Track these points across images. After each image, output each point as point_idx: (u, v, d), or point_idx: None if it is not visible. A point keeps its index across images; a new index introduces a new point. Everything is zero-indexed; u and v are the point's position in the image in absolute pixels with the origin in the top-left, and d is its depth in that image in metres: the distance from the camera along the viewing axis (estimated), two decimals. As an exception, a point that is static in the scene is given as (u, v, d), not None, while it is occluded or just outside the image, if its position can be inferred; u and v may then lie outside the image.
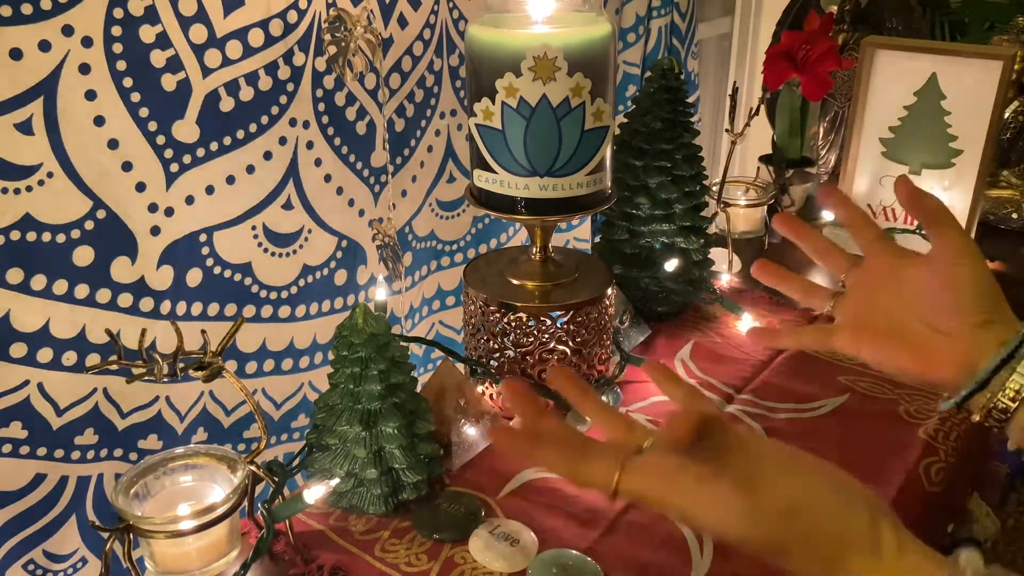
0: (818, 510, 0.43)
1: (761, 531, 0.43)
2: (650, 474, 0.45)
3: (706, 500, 0.44)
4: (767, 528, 0.43)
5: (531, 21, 0.74)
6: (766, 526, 0.43)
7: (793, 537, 0.43)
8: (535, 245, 0.83)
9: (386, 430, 0.67)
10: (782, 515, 0.43)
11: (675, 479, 0.44)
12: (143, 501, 0.61)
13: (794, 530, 0.42)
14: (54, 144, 0.68)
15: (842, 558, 0.42)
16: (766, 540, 0.43)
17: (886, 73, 1.10)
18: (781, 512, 0.43)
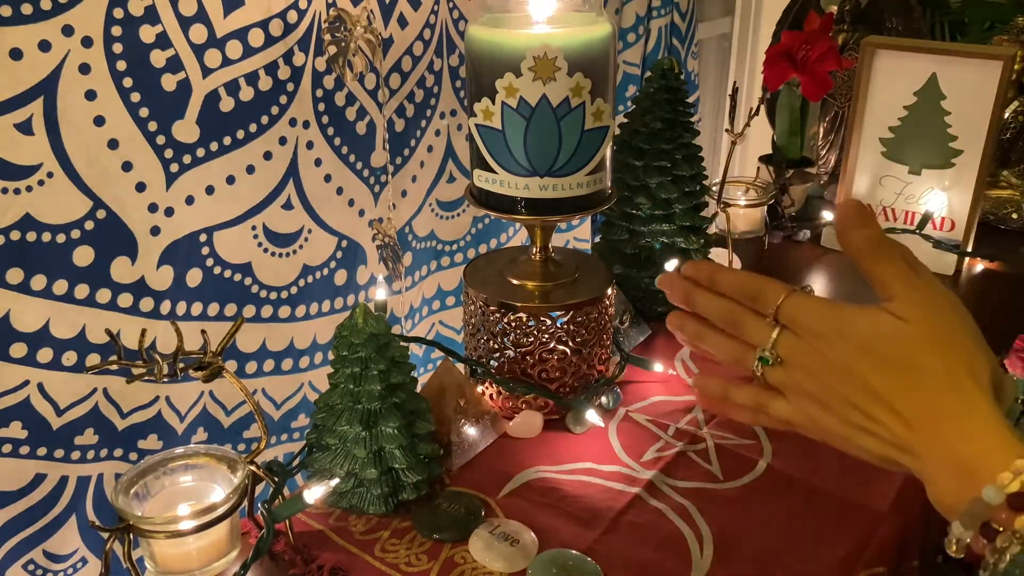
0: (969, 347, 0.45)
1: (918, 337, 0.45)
2: (814, 301, 0.48)
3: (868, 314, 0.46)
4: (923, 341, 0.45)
5: (531, 21, 0.74)
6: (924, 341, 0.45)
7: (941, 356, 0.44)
8: (535, 245, 0.83)
9: (386, 430, 0.67)
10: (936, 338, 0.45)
11: (837, 305, 0.47)
12: (143, 501, 0.61)
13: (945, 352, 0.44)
14: (54, 144, 0.68)
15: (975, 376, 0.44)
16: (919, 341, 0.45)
17: (886, 73, 1.10)
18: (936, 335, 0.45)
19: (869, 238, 0.47)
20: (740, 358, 0.52)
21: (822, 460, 0.76)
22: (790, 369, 0.49)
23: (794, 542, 0.67)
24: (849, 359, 0.46)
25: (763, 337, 0.50)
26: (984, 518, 0.41)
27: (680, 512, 0.70)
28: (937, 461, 0.44)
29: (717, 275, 0.52)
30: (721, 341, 0.53)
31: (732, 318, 0.51)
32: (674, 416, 0.83)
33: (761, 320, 0.50)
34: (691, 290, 0.53)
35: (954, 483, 0.43)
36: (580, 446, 0.79)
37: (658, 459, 0.77)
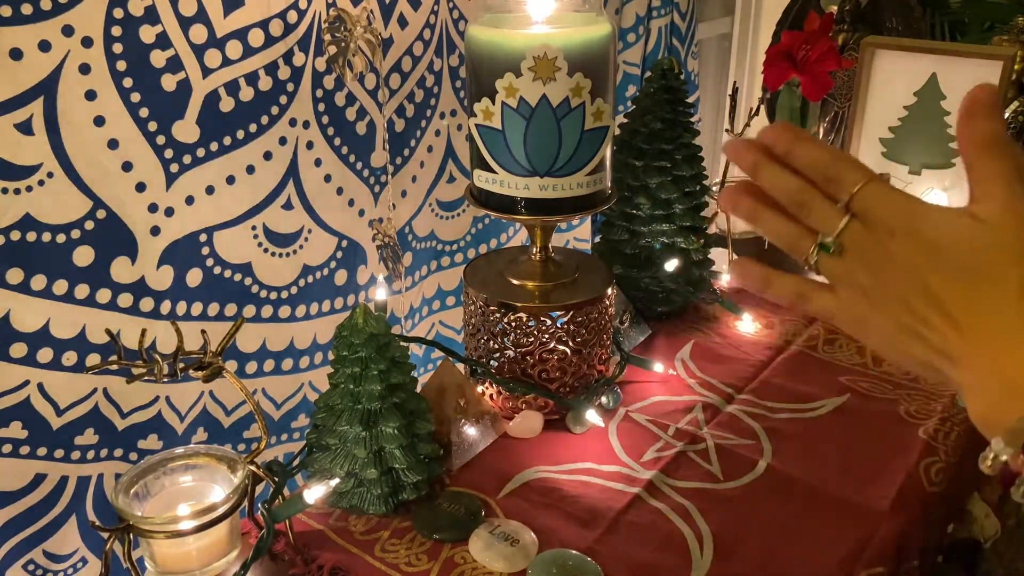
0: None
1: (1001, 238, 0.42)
2: (894, 193, 0.45)
3: (949, 215, 0.43)
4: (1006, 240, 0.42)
5: (531, 21, 0.74)
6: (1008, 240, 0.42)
7: (1016, 268, 0.41)
8: (535, 245, 0.83)
9: (386, 430, 0.67)
10: (1018, 249, 0.42)
11: (919, 200, 0.44)
12: (143, 501, 0.61)
13: (1021, 265, 0.42)
14: (54, 144, 0.68)
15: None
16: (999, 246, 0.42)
17: (886, 73, 1.10)
18: (1018, 245, 0.42)
19: (990, 133, 0.43)
20: (796, 243, 0.48)
21: (822, 460, 0.76)
22: (849, 261, 0.46)
23: (794, 542, 0.67)
24: (916, 258, 0.43)
25: (831, 224, 0.46)
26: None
27: (680, 512, 0.70)
28: (986, 373, 0.42)
29: (796, 146, 0.47)
30: (778, 222, 0.49)
31: (800, 198, 0.47)
32: (674, 416, 0.83)
33: (831, 205, 0.46)
34: (761, 160, 0.48)
35: (1001, 398, 0.41)
36: (580, 446, 0.79)
37: (658, 459, 0.77)
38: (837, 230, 0.46)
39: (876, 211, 0.45)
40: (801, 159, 0.47)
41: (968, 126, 0.43)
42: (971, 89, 0.44)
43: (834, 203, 0.46)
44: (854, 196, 0.45)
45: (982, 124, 0.43)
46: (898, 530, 0.68)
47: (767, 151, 0.48)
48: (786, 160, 0.48)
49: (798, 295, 0.50)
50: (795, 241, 0.48)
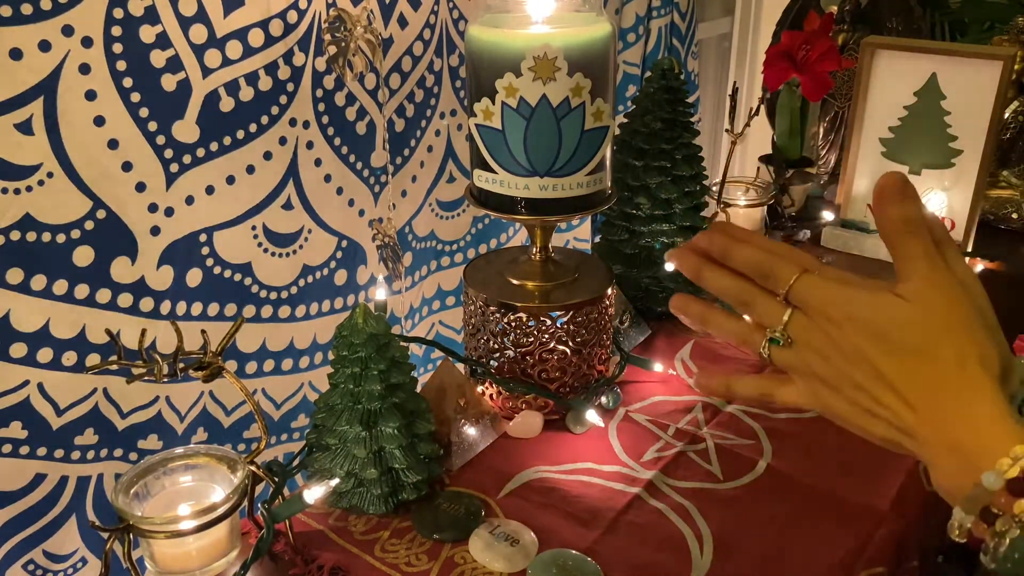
0: (980, 333, 0.45)
1: (928, 321, 0.45)
2: (826, 283, 0.47)
3: (879, 298, 0.45)
4: (933, 323, 0.45)
5: (531, 21, 0.74)
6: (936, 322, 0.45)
7: (950, 342, 0.44)
8: (535, 245, 0.83)
9: (386, 430, 0.67)
10: (947, 323, 0.45)
11: (850, 287, 0.47)
12: (143, 501, 0.61)
13: (954, 338, 0.44)
14: (54, 144, 0.68)
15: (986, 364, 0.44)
16: (926, 328, 0.44)
17: (886, 73, 1.10)
18: (947, 320, 0.45)
19: (904, 214, 0.45)
20: (747, 339, 0.51)
21: (822, 460, 0.76)
22: (800, 350, 0.48)
23: (794, 542, 0.67)
24: (858, 343, 0.45)
25: (775, 318, 0.49)
26: (984, 503, 0.41)
27: (680, 512, 0.70)
28: (940, 446, 0.44)
29: (731, 249, 0.50)
30: (726, 323, 0.52)
31: (743, 298, 0.50)
32: (674, 416, 0.83)
33: (772, 300, 0.49)
34: (701, 266, 0.51)
35: (955, 468, 0.43)
36: (580, 446, 0.79)
37: (658, 459, 0.77)
38: (782, 324, 0.48)
39: (812, 301, 0.47)
40: (737, 260, 0.50)
41: (882, 214, 0.46)
42: (878, 180, 0.46)
43: (775, 297, 0.49)
44: (790, 290, 0.48)
45: (894, 210, 0.46)
46: (898, 530, 0.68)
47: (706, 255, 0.51)
48: (724, 262, 0.51)
49: (762, 394, 0.53)
50: (747, 337, 0.51)
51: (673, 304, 0.54)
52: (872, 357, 0.45)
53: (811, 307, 0.47)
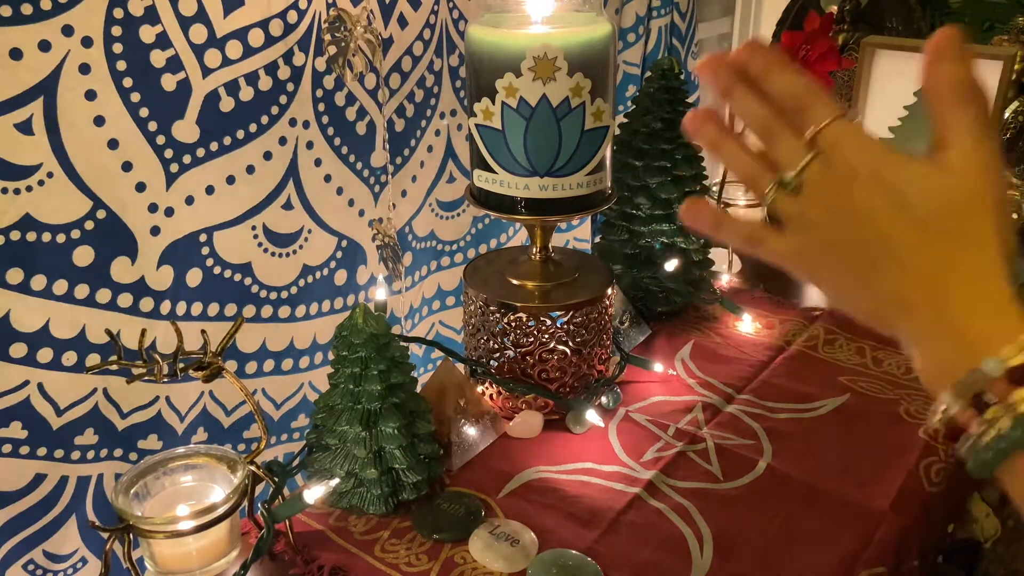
0: (1003, 221, 0.42)
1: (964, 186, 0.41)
2: (862, 134, 0.43)
3: (913, 163, 0.42)
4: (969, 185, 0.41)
5: (531, 21, 0.74)
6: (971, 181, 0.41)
7: (976, 221, 0.41)
8: (535, 245, 0.83)
9: (386, 430, 0.67)
10: (978, 202, 0.41)
11: (886, 145, 0.43)
12: (143, 501, 0.61)
13: (981, 218, 0.41)
14: (54, 144, 0.68)
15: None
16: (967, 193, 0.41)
17: (886, 73, 1.10)
18: (979, 198, 0.41)
19: (958, 77, 0.41)
20: (755, 177, 0.47)
21: (822, 460, 0.76)
22: (807, 200, 0.45)
23: (794, 542, 0.67)
24: (877, 202, 0.42)
25: (794, 158, 0.45)
26: (978, 390, 0.40)
27: (680, 512, 0.70)
28: (937, 327, 0.42)
29: (771, 70, 0.46)
30: (739, 154, 0.48)
31: (769, 127, 0.46)
32: (674, 416, 0.83)
33: (798, 138, 0.45)
34: (734, 83, 0.47)
35: (951, 352, 0.41)
36: (580, 446, 0.79)
37: (658, 459, 0.77)
38: (799, 166, 0.44)
39: (842, 150, 0.44)
40: (774, 85, 0.46)
41: (934, 71, 0.42)
42: (934, 33, 0.42)
43: (801, 136, 0.45)
44: (821, 131, 0.44)
45: (948, 68, 0.42)
46: (898, 530, 0.68)
47: (741, 72, 0.47)
48: (759, 83, 0.46)
49: (750, 237, 0.49)
50: (755, 175, 0.47)
51: (688, 121, 0.49)
52: (886, 219, 0.42)
53: (839, 154, 0.44)
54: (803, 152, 0.44)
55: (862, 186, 0.43)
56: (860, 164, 0.43)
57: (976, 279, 0.41)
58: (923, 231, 0.42)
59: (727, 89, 0.47)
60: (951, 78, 0.42)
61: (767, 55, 0.46)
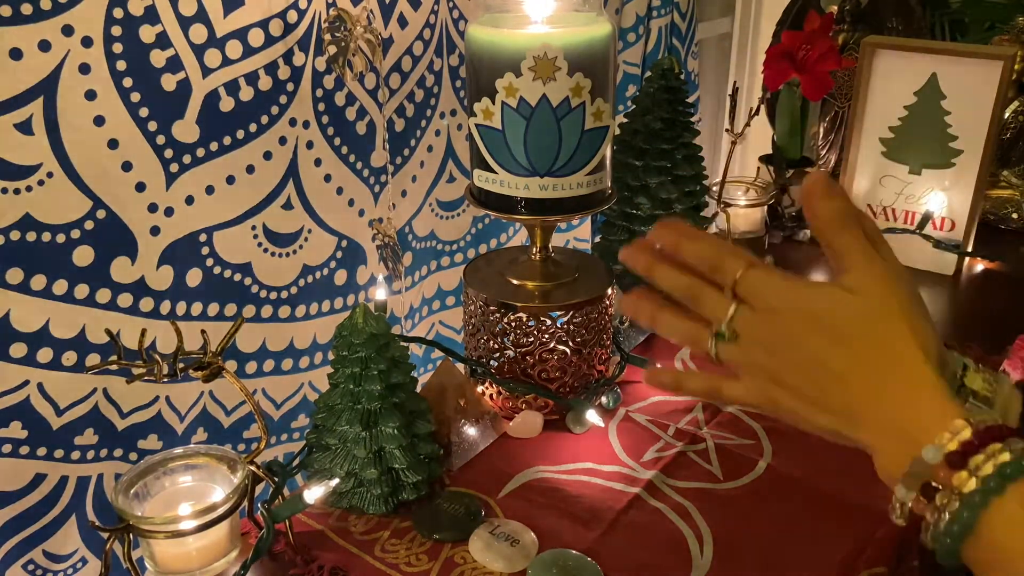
0: (919, 321, 0.46)
1: (870, 305, 0.46)
2: (771, 275, 0.48)
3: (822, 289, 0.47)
4: (875, 306, 0.46)
5: (531, 21, 0.74)
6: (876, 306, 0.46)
7: (891, 329, 0.45)
8: (535, 245, 0.83)
9: (386, 430, 0.67)
10: (888, 311, 0.46)
11: (794, 279, 0.48)
12: (143, 501, 0.61)
13: (896, 325, 0.45)
14: (54, 144, 0.68)
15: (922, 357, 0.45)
16: (873, 314, 0.46)
17: (886, 73, 1.10)
18: (888, 307, 0.46)
19: (834, 209, 0.47)
20: (694, 338, 0.52)
21: (822, 460, 0.76)
22: (745, 344, 0.49)
23: (794, 542, 0.67)
24: (803, 332, 0.47)
25: (720, 311, 0.50)
26: (924, 479, 0.42)
27: (680, 512, 0.70)
28: (882, 430, 0.45)
29: (682, 243, 0.52)
30: (676, 322, 0.53)
31: (691, 293, 0.51)
32: (674, 416, 0.83)
33: (720, 294, 0.50)
34: (652, 263, 0.53)
35: (896, 449, 0.44)
36: (580, 446, 0.79)
37: (658, 459, 0.77)
38: (727, 317, 0.49)
39: (759, 294, 0.48)
40: (686, 253, 0.51)
41: (812, 211, 0.47)
42: (804, 180, 0.48)
43: (721, 292, 0.50)
44: (737, 282, 0.49)
45: (825, 204, 0.47)
46: (898, 530, 0.68)
47: (657, 251, 0.53)
48: (674, 256, 0.52)
49: (710, 389, 0.54)
50: (694, 335, 0.52)
51: (623, 306, 0.56)
52: (816, 346, 0.46)
53: (757, 299, 0.48)
54: (727, 304, 0.49)
55: (786, 321, 0.47)
56: (778, 303, 0.48)
57: (907, 380, 0.45)
58: (850, 347, 0.46)
59: (647, 269, 0.53)
60: (829, 211, 0.47)
61: (674, 230, 0.52)
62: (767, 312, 0.48)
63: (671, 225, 0.53)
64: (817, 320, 0.46)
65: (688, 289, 0.51)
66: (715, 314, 0.50)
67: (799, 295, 0.47)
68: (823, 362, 0.46)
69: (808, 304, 0.47)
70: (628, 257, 0.54)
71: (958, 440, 0.41)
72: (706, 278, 0.51)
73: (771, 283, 0.48)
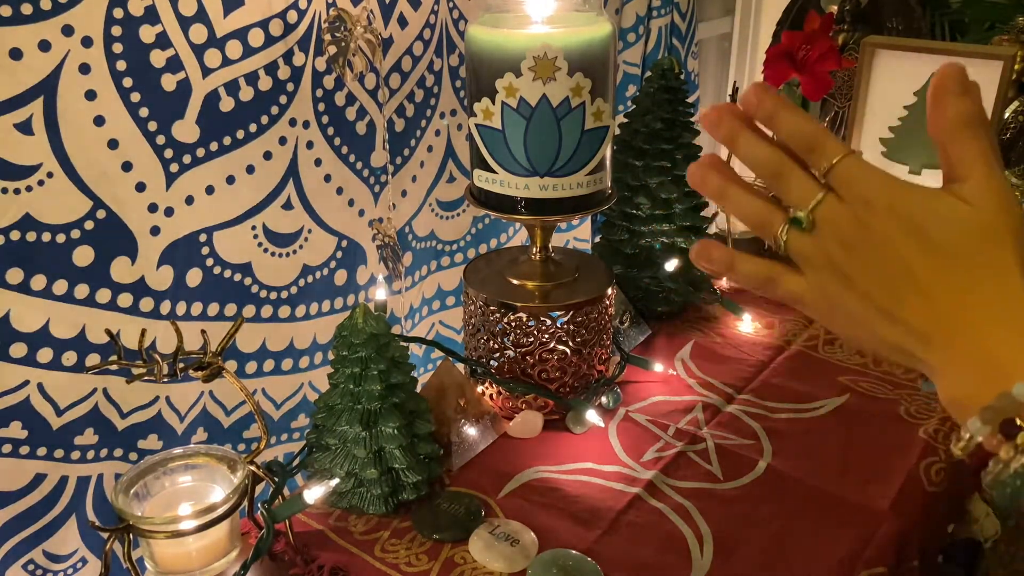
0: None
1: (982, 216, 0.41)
2: (874, 168, 0.43)
3: (930, 194, 0.42)
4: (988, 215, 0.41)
5: (531, 21, 0.74)
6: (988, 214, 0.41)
7: (999, 248, 0.41)
8: (535, 245, 0.83)
9: (386, 430, 0.67)
10: (1001, 229, 0.41)
11: (900, 178, 0.43)
12: (143, 501, 0.61)
13: (1005, 245, 0.41)
14: (54, 144, 0.68)
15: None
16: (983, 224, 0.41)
17: (886, 73, 1.10)
18: (1001, 225, 0.41)
19: (965, 110, 0.42)
20: (766, 220, 0.46)
21: (822, 460, 0.76)
22: (822, 238, 0.44)
23: (794, 542, 0.67)
24: (895, 235, 0.42)
25: (807, 195, 0.44)
26: (1008, 414, 0.39)
27: (680, 512, 0.70)
28: (963, 354, 0.41)
29: (778, 113, 0.45)
30: (747, 199, 0.47)
31: (779, 168, 0.45)
32: (674, 416, 0.83)
33: (809, 177, 0.45)
34: (739, 129, 0.46)
35: (978, 378, 0.41)
36: (580, 446, 0.79)
37: (658, 459, 0.77)
38: (812, 203, 0.44)
39: (855, 184, 0.43)
40: (783, 126, 0.45)
41: (942, 108, 0.42)
42: (939, 68, 0.42)
43: (811, 175, 0.45)
44: (833, 167, 0.44)
45: (955, 103, 0.42)
46: (898, 530, 0.68)
47: (745, 117, 0.47)
48: (767, 125, 0.46)
49: (766, 278, 0.48)
50: (765, 218, 0.46)
51: (691, 173, 0.49)
52: (907, 252, 0.42)
53: (852, 189, 0.43)
54: (815, 189, 0.44)
55: (878, 218, 0.42)
56: (875, 197, 0.43)
57: (1002, 305, 0.41)
58: (944, 259, 0.41)
59: (731, 136, 0.47)
60: (958, 112, 0.42)
61: (775, 98, 0.46)
62: (860, 204, 0.43)
63: (769, 90, 0.46)
64: (915, 223, 0.42)
65: (775, 164, 0.45)
66: (799, 197, 0.45)
67: (901, 193, 0.42)
68: (909, 269, 0.42)
69: (909, 204, 0.42)
70: (710, 119, 0.47)
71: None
72: (796, 158, 0.45)
73: (872, 175, 0.43)
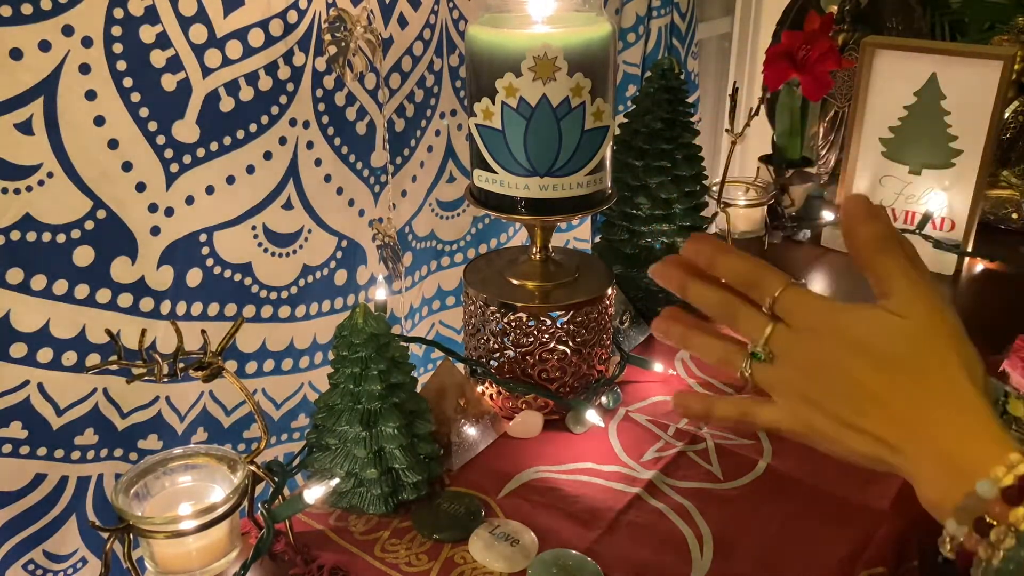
0: (965, 345, 0.45)
1: (916, 335, 0.44)
2: (812, 296, 0.47)
3: (865, 311, 0.46)
4: (920, 336, 0.44)
5: (531, 21, 0.74)
6: (921, 333, 0.45)
7: (938, 353, 0.44)
8: (535, 245, 0.83)
9: (386, 430, 0.67)
10: (935, 334, 0.45)
11: (835, 302, 0.47)
12: (143, 501, 0.61)
13: (942, 349, 0.44)
14: (54, 144, 0.68)
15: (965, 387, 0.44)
16: (918, 341, 0.44)
17: (886, 73, 1.10)
18: (934, 331, 0.45)
19: (876, 232, 0.46)
20: (729, 359, 0.50)
21: (822, 460, 0.75)
22: (781, 366, 0.48)
23: (794, 542, 0.67)
24: (844, 355, 0.45)
25: (758, 330, 0.48)
26: (978, 513, 0.41)
27: (680, 512, 0.70)
28: (928, 458, 0.44)
29: (717, 258, 0.50)
30: (709, 343, 0.51)
31: (727, 310, 0.50)
32: (674, 416, 0.83)
33: (757, 313, 0.48)
34: (686, 280, 0.51)
35: (945, 480, 0.42)
36: (580, 446, 0.79)
37: (658, 459, 0.77)
38: (764, 336, 0.48)
39: (798, 313, 0.47)
40: (722, 270, 0.50)
41: (853, 235, 0.46)
42: (843, 203, 0.46)
43: (759, 311, 0.48)
44: (776, 300, 0.47)
45: (865, 229, 0.46)
46: (898, 530, 0.68)
47: (691, 267, 0.51)
48: (709, 271, 0.50)
49: (742, 414, 0.52)
50: (727, 357, 0.50)
51: (655, 327, 0.55)
52: (858, 370, 0.45)
53: (796, 318, 0.47)
54: (764, 322, 0.48)
55: (826, 343, 0.46)
56: (818, 323, 0.46)
57: (956, 407, 0.43)
58: (894, 371, 0.44)
59: (682, 286, 0.51)
60: (869, 235, 0.46)
61: (709, 244, 0.50)
62: (806, 332, 0.46)
63: (705, 239, 0.51)
64: (859, 342, 0.45)
65: (723, 306, 0.50)
66: (751, 333, 0.49)
67: (841, 316, 0.46)
68: (864, 386, 0.45)
69: (850, 326, 0.45)
70: (659, 273, 0.52)
71: (1014, 475, 0.39)
72: (742, 296, 0.49)
73: (811, 303, 0.47)
